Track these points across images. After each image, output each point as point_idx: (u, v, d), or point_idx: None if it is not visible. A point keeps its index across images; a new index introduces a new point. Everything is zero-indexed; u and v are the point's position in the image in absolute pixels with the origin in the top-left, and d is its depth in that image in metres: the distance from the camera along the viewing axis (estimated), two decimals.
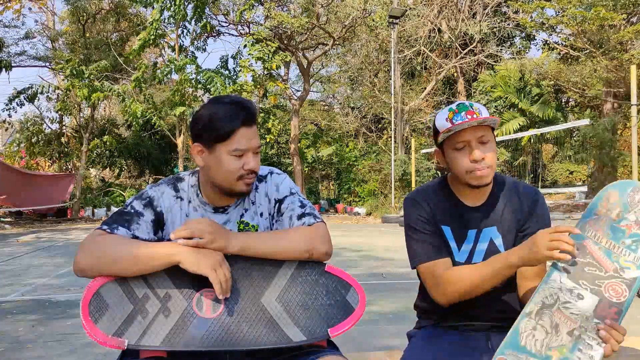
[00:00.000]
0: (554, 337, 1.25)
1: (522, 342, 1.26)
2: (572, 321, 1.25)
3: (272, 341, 1.28)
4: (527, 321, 1.28)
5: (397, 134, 19.17)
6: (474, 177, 1.45)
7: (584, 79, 17.01)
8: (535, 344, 1.25)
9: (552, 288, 1.29)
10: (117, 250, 1.29)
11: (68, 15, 20.24)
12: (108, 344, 1.23)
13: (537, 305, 1.29)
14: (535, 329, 1.26)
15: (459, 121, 1.43)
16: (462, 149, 1.45)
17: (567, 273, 1.29)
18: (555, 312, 1.27)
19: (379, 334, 3.64)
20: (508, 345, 1.27)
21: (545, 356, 1.24)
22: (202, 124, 1.38)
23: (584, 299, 1.26)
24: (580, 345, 1.23)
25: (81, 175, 18.50)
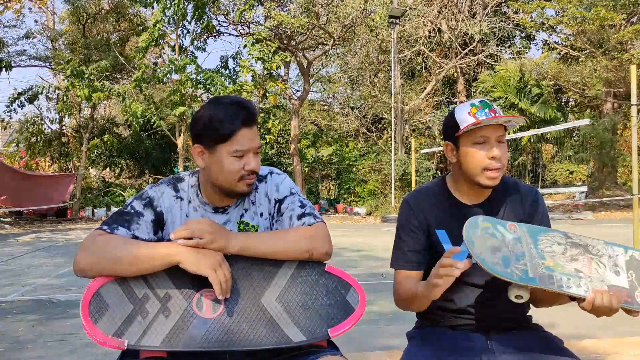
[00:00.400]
0: (563, 259, 1.27)
1: (540, 238, 1.28)
2: (589, 270, 1.27)
3: (272, 341, 1.28)
4: (561, 237, 1.29)
5: (397, 134, 19.17)
6: (487, 176, 1.46)
7: (584, 79, 17.02)
8: (545, 247, 1.27)
9: (606, 250, 1.30)
10: (117, 250, 1.29)
11: (68, 15, 20.25)
12: (108, 344, 1.23)
13: (580, 241, 1.30)
14: (559, 244, 1.28)
15: (482, 117, 1.43)
16: (481, 143, 1.45)
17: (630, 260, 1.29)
18: (586, 257, 1.28)
19: (379, 334, 3.64)
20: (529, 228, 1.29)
21: (542, 256, 1.26)
22: (202, 125, 1.38)
23: (617, 277, 1.27)
24: (572, 277, 1.25)
25: (81, 175, 18.51)
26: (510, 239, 1.27)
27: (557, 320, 3.84)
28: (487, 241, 1.26)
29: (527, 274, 1.23)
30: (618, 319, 3.65)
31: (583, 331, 3.51)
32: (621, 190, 18.85)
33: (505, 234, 1.28)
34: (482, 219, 1.29)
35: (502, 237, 1.27)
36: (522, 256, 1.26)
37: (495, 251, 1.25)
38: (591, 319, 4.12)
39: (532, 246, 1.27)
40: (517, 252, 1.26)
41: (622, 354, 2.06)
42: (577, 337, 3.27)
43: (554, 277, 1.24)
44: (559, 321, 3.81)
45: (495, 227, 1.28)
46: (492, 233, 1.27)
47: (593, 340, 2.19)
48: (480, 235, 1.26)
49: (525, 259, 1.25)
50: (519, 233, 1.28)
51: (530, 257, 1.26)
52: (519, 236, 1.28)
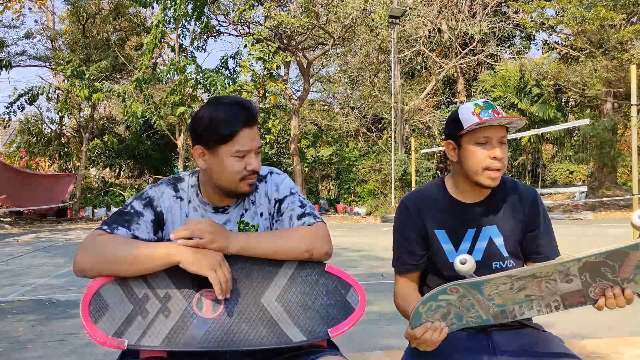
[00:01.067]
0: (510, 293, 1.27)
1: (483, 287, 1.27)
2: (540, 290, 1.27)
3: (272, 341, 1.28)
4: (504, 278, 1.27)
5: (397, 134, 19.16)
6: (488, 176, 1.47)
7: (584, 79, 17.02)
8: (491, 291, 1.27)
9: (555, 267, 1.26)
10: (117, 250, 1.29)
11: (68, 15, 20.24)
12: (108, 344, 1.23)
13: (525, 273, 1.26)
14: (505, 284, 1.27)
15: (486, 117, 1.44)
16: (484, 144, 1.46)
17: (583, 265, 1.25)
18: (535, 283, 1.27)
19: (379, 334, 3.64)
20: (470, 284, 1.28)
21: (490, 299, 1.27)
22: (203, 126, 1.38)
23: (570, 283, 1.26)
24: (524, 304, 1.26)
25: (81, 175, 18.50)
26: (455, 299, 1.29)
27: (557, 320, 3.84)
28: (434, 316, 1.30)
29: (481, 318, 1.27)
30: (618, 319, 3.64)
31: (583, 331, 3.51)
32: (621, 190, 18.85)
33: (449, 298, 1.29)
34: (421, 306, 1.29)
35: (448, 301, 1.29)
36: (471, 307, 1.29)
37: (445, 317, 1.29)
38: (591, 318, 4.13)
39: (478, 295, 1.28)
40: (466, 305, 1.29)
41: (622, 354, 2.06)
42: (577, 337, 3.27)
43: (506, 311, 1.27)
44: (559, 321, 3.81)
45: (436, 299, 1.29)
46: (436, 307, 1.29)
47: (593, 340, 2.20)
48: (427, 317, 1.30)
49: (475, 307, 1.28)
50: (461, 291, 1.29)
51: (479, 305, 1.28)
52: (462, 293, 1.28)
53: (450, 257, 1.53)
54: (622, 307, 1.27)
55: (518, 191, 1.57)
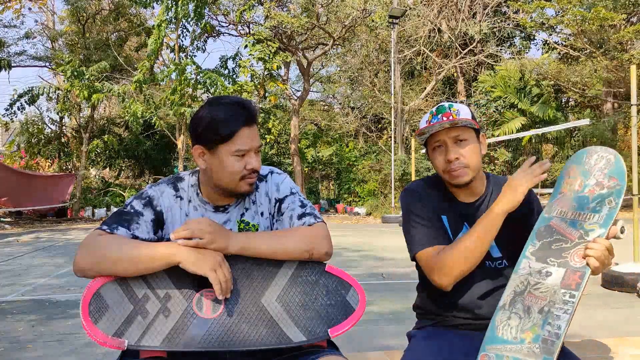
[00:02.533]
0: (527, 320, 1.28)
1: (499, 333, 1.29)
2: (542, 299, 1.29)
3: (272, 341, 1.28)
4: (502, 313, 1.32)
5: (397, 134, 19.16)
6: (451, 176, 1.50)
7: (584, 79, 17.02)
8: (511, 332, 1.29)
9: (521, 276, 1.34)
10: (117, 250, 1.29)
11: (68, 15, 20.24)
12: (108, 344, 1.23)
13: (509, 297, 1.33)
14: (510, 318, 1.30)
15: (434, 122, 1.48)
16: (438, 147, 1.51)
17: (535, 257, 1.34)
18: (527, 296, 1.30)
19: (379, 334, 3.64)
20: (488, 340, 1.30)
21: (520, 340, 1.26)
22: (203, 126, 1.38)
23: (552, 274, 1.30)
24: (549, 319, 1.26)
25: (81, 175, 18.50)
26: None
27: None
28: None
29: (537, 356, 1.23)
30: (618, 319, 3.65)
31: (583, 331, 3.51)
32: None
33: None
34: None
35: None
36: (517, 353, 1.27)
37: None
38: (591, 319, 4.14)
39: (507, 346, 1.28)
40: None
41: (622, 354, 2.06)
42: (577, 337, 3.27)
43: (546, 339, 1.24)
44: None
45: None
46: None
47: (593, 340, 2.20)
48: None
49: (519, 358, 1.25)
50: (492, 355, 1.29)
51: (520, 354, 1.26)
52: (495, 355, 1.28)
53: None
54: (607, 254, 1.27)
55: None
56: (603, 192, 1.33)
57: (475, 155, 1.49)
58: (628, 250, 5.04)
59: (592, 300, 4.62)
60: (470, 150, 1.48)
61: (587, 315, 4.00)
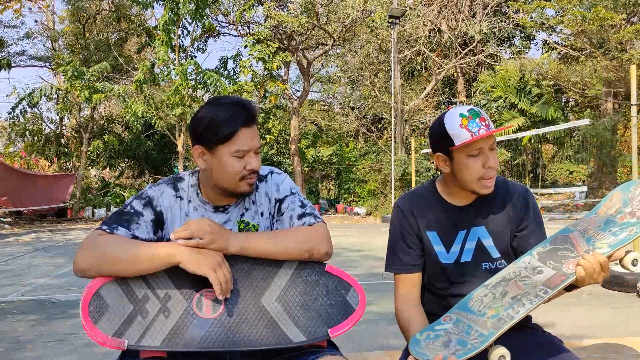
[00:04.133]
0: (498, 301, 1.32)
1: (470, 304, 1.35)
2: (520, 289, 1.32)
3: (272, 342, 1.28)
4: (482, 290, 1.37)
5: (397, 134, 19.16)
6: (483, 185, 1.48)
7: (584, 79, 17.01)
8: (480, 306, 1.34)
9: (517, 267, 1.37)
10: (117, 250, 1.29)
11: (68, 16, 20.24)
12: (108, 344, 1.23)
13: (496, 279, 1.37)
14: (486, 296, 1.35)
15: (475, 128, 1.43)
16: (477, 155, 1.46)
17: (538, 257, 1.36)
18: (511, 284, 1.34)
19: (379, 334, 3.64)
20: (458, 306, 1.38)
21: (482, 313, 1.31)
22: (202, 126, 1.38)
23: (542, 273, 1.32)
24: (515, 305, 1.29)
25: (81, 175, 18.50)
26: (451, 326, 1.34)
27: (557, 320, 3.84)
28: (435, 344, 1.32)
29: (484, 335, 1.28)
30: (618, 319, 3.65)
31: (583, 331, 3.51)
32: None
33: (445, 327, 1.34)
34: (418, 334, 1.35)
35: (444, 330, 1.33)
36: (470, 328, 1.31)
37: (447, 344, 1.30)
38: (591, 319, 4.13)
39: (470, 315, 1.33)
40: (464, 329, 1.31)
41: (622, 354, 2.06)
42: (577, 337, 3.27)
43: (502, 318, 1.29)
44: (559, 321, 3.81)
45: (433, 329, 1.35)
46: (434, 336, 1.33)
47: (593, 340, 2.20)
48: (426, 345, 1.32)
49: (474, 327, 1.31)
50: (454, 317, 1.35)
51: (476, 324, 1.31)
52: (455, 319, 1.34)
53: (443, 258, 1.55)
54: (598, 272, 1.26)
55: (508, 190, 1.58)
56: (632, 220, 1.32)
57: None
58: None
59: (592, 300, 4.62)
60: (497, 156, 1.50)
61: (587, 315, 4.00)
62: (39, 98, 16.92)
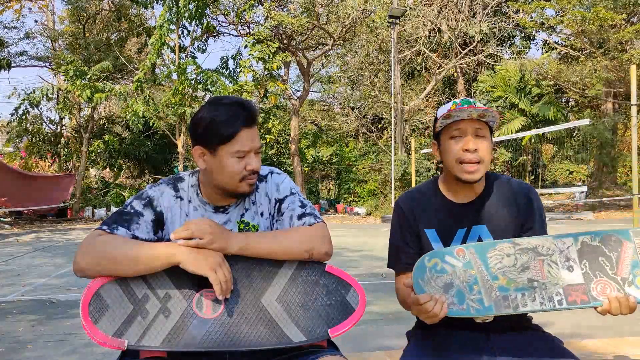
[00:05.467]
0: (515, 272, 1.27)
1: (489, 255, 1.29)
2: (542, 275, 1.26)
3: (272, 341, 1.28)
4: (508, 246, 1.30)
5: (397, 134, 19.16)
6: (463, 169, 1.46)
7: (584, 79, 17.01)
8: (496, 264, 1.28)
9: (555, 245, 1.29)
10: (117, 250, 1.29)
11: (68, 15, 20.24)
12: (108, 344, 1.23)
13: (528, 244, 1.30)
14: (509, 256, 1.29)
15: (460, 112, 1.45)
16: (457, 137, 1.47)
17: (579, 247, 1.28)
18: (537, 261, 1.28)
19: (379, 334, 3.64)
20: (477, 248, 1.31)
21: (494, 276, 1.27)
22: (203, 127, 1.38)
23: (571, 272, 1.26)
24: (527, 292, 1.25)
25: (81, 175, 18.50)
26: (461, 266, 1.29)
27: (557, 320, 3.85)
28: (437, 281, 1.29)
29: (483, 303, 1.25)
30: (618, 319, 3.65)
31: (583, 331, 3.51)
32: (621, 190, 18.85)
33: (454, 263, 1.30)
34: (427, 258, 1.31)
35: (453, 268, 1.29)
36: (474, 283, 1.27)
37: (448, 288, 1.28)
38: (591, 319, 4.12)
39: (482, 268, 1.28)
40: (469, 280, 1.28)
41: (622, 354, 2.06)
42: (577, 337, 3.27)
43: (509, 298, 1.25)
44: (559, 321, 3.81)
45: (443, 260, 1.30)
46: (440, 269, 1.30)
47: (593, 340, 2.20)
48: (429, 277, 1.29)
49: (479, 285, 1.27)
50: (467, 257, 1.30)
51: (482, 282, 1.27)
52: (468, 261, 1.29)
53: None
54: (625, 314, 1.25)
55: (512, 189, 1.56)
56: None
57: (489, 153, 1.49)
58: None
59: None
60: (487, 147, 1.48)
61: (587, 315, 4.00)
62: (40, 98, 16.93)
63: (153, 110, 15.35)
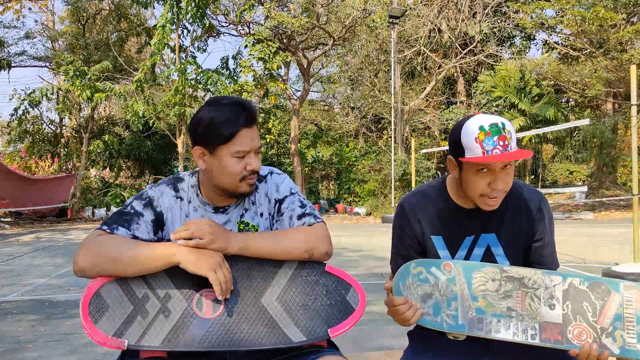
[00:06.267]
0: (496, 297, 1.27)
1: (474, 276, 1.29)
2: (522, 307, 1.26)
3: (272, 341, 1.28)
4: (497, 272, 1.30)
5: (397, 134, 19.16)
6: (486, 202, 1.39)
7: (584, 79, 17.01)
8: (479, 286, 1.28)
9: (542, 280, 1.29)
10: (117, 250, 1.29)
11: (68, 15, 20.24)
12: (108, 344, 1.23)
13: (517, 274, 1.30)
14: (494, 281, 1.28)
15: (490, 147, 1.32)
16: (484, 172, 1.36)
17: (566, 287, 1.27)
18: (521, 293, 1.28)
19: (379, 334, 3.64)
20: (464, 266, 1.31)
21: (474, 297, 1.27)
22: (202, 127, 1.37)
23: (552, 310, 1.26)
24: (503, 319, 1.25)
25: (81, 175, 18.50)
26: (444, 280, 1.29)
27: None
28: (417, 289, 1.29)
29: (457, 319, 1.24)
30: None
31: None
32: (621, 190, 18.86)
33: (439, 276, 1.30)
34: (414, 265, 1.31)
35: (435, 280, 1.29)
36: (453, 299, 1.27)
37: (426, 299, 1.28)
38: None
39: (465, 286, 1.28)
40: (449, 295, 1.27)
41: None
42: None
43: (483, 321, 1.24)
44: None
45: (428, 270, 1.30)
46: (424, 278, 1.30)
47: None
48: (411, 283, 1.29)
49: (457, 302, 1.26)
50: (453, 273, 1.29)
51: (462, 300, 1.27)
52: (452, 276, 1.29)
53: None
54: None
55: (523, 197, 1.50)
56: None
57: (512, 178, 1.40)
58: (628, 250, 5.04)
59: None
60: (511, 176, 1.39)
61: None
62: (40, 98, 16.92)
63: (153, 110, 15.34)
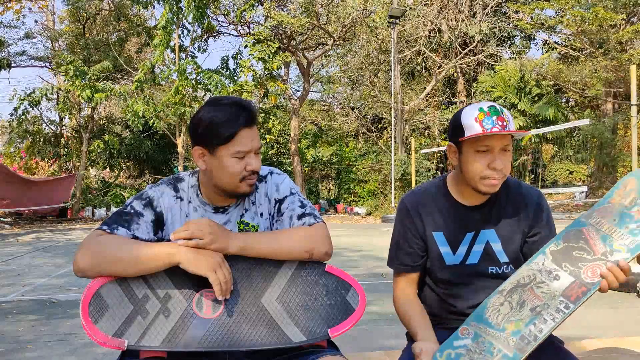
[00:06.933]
0: (516, 313, 1.28)
1: (487, 315, 1.30)
2: (539, 299, 1.27)
3: (272, 341, 1.28)
4: (497, 297, 1.32)
5: (397, 134, 19.16)
6: (486, 184, 1.43)
7: (584, 79, 17.02)
8: (497, 318, 1.29)
9: (531, 269, 1.32)
10: (117, 250, 1.29)
11: (68, 15, 20.23)
12: (108, 344, 1.23)
13: (511, 284, 1.32)
14: (502, 305, 1.30)
15: (489, 125, 1.38)
16: (484, 152, 1.41)
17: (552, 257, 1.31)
18: (527, 291, 1.29)
19: (379, 334, 3.64)
20: (474, 317, 1.32)
21: (502, 328, 1.27)
22: (202, 128, 1.37)
23: (560, 279, 1.27)
24: (536, 320, 1.25)
25: (81, 175, 18.50)
26: (470, 343, 1.29)
27: None
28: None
29: (508, 356, 1.23)
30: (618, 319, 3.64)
31: (583, 331, 3.51)
32: None
33: (464, 343, 1.29)
34: (439, 354, 1.30)
35: (465, 348, 1.29)
36: (490, 346, 1.26)
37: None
38: (591, 319, 4.11)
39: (489, 329, 1.28)
40: (485, 347, 1.27)
41: (622, 354, 2.06)
42: (577, 337, 3.26)
43: (525, 336, 1.24)
44: None
45: (452, 347, 1.30)
46: (455, 355, 1.29)
47: (593, 340, 2.20)
48: None
49: (494, 346, 1.26)
50: (471, 331, 1.30)
51: (497, 341, 1.26)
52: (474, 332, 1.30)
53: (448, 259, 1.53)
54: (622, 280, 1.24)
55: (522, 194, 1.54)
56: None
57: (510, 164, 1.46)
58: None
59: (592, 300, 4.61)
60: (510, 161, 1.44)
61: (587, 315, 4.00)
62: (40, 98, 16.92)
63: (153, 110, 15.34)
